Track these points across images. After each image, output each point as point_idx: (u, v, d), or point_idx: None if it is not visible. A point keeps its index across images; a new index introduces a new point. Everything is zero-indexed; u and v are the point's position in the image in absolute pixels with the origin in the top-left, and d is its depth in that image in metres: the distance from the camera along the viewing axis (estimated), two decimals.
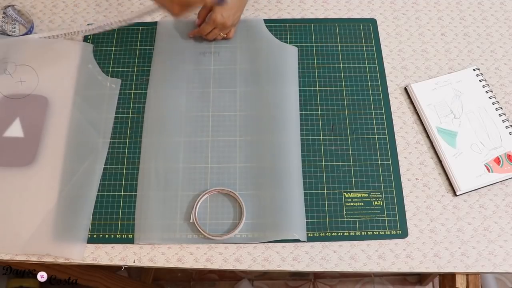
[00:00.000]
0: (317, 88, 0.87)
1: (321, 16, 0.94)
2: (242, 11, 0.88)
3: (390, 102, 0.86)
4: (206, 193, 0.78)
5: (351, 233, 0.76)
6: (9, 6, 0.92)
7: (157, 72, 0.88)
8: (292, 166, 0.80)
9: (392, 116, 0.85)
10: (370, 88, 0.87)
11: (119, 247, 0.76)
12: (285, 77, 0.86)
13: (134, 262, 0.75)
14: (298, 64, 0.89)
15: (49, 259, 0.75)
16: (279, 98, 0.85)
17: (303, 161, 0.81)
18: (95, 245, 0.76)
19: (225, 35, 0.89)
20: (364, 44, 0.91)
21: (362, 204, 0.78)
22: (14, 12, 0.92)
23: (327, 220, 0.77)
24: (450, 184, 0.79)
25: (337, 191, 0.79)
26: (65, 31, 0.89)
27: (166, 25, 0.92)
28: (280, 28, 0.92)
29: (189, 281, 1.46)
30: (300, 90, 0.86)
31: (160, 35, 0.91)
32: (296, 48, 0.90)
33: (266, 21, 0.93)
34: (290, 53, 0.89)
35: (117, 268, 0.77)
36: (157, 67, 0.88)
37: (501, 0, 0.96)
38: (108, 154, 0.82)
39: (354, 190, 0.79)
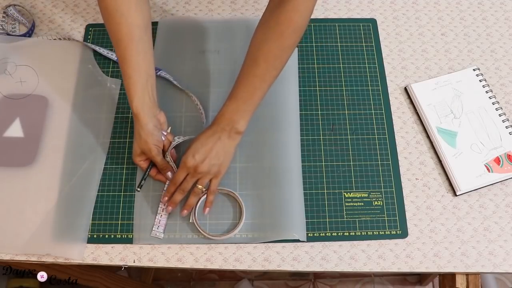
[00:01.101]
0: (317, 88, 0.87)
1: (321, 16, 0.94)
2: (226, 159, 0.74)
3: (390, 102, 0.86)
4: (206, 193, 0.78)
5: (351, 233, 0.76)
6: (9, 5, 0.92)
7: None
8: (292, 166, 0.80)
9: (392, 116, 0.85)
10: (370, 88, 0.87)
11: (119, 247, 0.76)
12: (285, 77, 0.86)
13: (134, 262, 0.75)
14: (298, 64, 0.89)
15: (49, 259, 0.75)
16: (279, 98, 0.85)
17: (303, 161, 0.81)
18: (95, 245, 0.76)
19: (203, 188, 0.74)
20: (364, 44, 0.91)
21: (362, 204, 0.78)
22: (15, 12, 0.92)
23: (327, 220, 0.77)
24: (450, 184, 0.79)
25: (337, 191, 0.79)
26: None
27: (166, 24, 0.92)
28: None
29: (189, 281, 1.46)
30: (300, 90, 0.86)
31: (160, 34, 0.91)
32: (296, 48, 0.90)
33: None
34: None
35: (117, 268, 0.77)
36: (156, 66, 0.88)
37: (501, 0, 0.96)
38: (108, 154, 0.82)
39: (354, 190, 0.79)
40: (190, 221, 0.76)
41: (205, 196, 0.77)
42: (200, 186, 0.74)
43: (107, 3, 0.69)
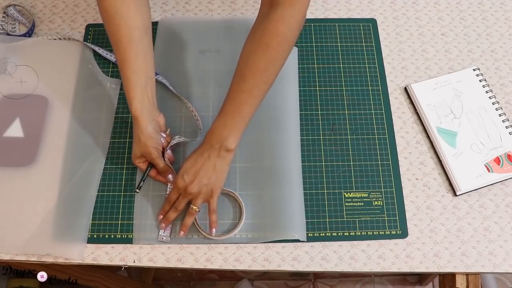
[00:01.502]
0: (317, 88, 0.87)
1: (321, 16, 0.94)
2: (218, 178, 0.71)
3: (390, 102, 0.86)
4: None
5: (351, 233, 0.76)
6: (9, 5, 0.92)
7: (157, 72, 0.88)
8: (292, 166, 0.80)
9: (392, 116, 0.85)
10: (370, 88, 0.87)
11: (119, 247, 0.76)
12: (285, 77, 0.86)
13: (134, 262, 0.75)
14: (298, 64, 0.89)
15: (49, 259, 0.75)
16: (279, 98, 0.85)
17: (303, 161, 0.81)
18: (95, 245, 0.76)
19: (196, 208, 0.72)
20: (364, 44, 0.91)
21: (362, 204, 0.78)
22: (15, 12, 0.92)
23: (327, 220, 0.77)
24: (450, 184, 0.79)
25: (337, 191, 0.79)
26: None
27: (166, 24, 0.92)
28: None
29: (189, 281, 1.46)
30: (300, 90, 0.86)
31: (160, 34, 0.91)
32: (296, 48, 0.90)
33: None
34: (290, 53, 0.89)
35: (117, 268, 0.77)
36: (156, 66, 0.88)
37: (501, 0, 0.96)
38: (108, 154, 0.82)
39: (354, 190, 0.79)
40: None
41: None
42: (194, 207, 0.72)
43: (106, 5, 0.69)
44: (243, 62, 0.70)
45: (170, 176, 0.76)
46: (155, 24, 0.92)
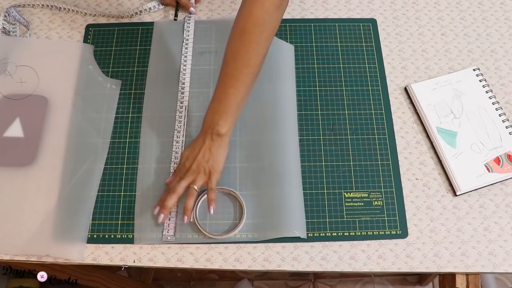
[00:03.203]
0: (317, 88, 0.87)
1: (321, 16, 0.94)
2: (215, 161, 0.73)
3: (390, 102, 0.86)
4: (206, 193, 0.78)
5: (351, 233, 0.76)
6: (10, 6, 0.92)
7: (154, 73, 0.88)
8: (291, 166, 0.80)
9: (392, 116, 0.85)
10: (370, 88, 0.87)
11: (119, 247, 0.76)
12: (283, 75, 0.86)
13: (134, 262, 0.75)
14: (298, 64, 0.89)
15: (49, 259, 0.75)
16: (277, 97, 0.85)
17: (303, 161, 0.81)
18: (95, 245, 0.76)
19: (196, 188, 0.73)
20: (364, 44, 0.91)
21: (362, 204, 0.78)
22: (16, 12, 0.92)
23: (327, 220, 0.77)
24: (450, 184, 0.79)
25: (337, 191, 0.79)
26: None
27: (162, 25, 0.93)
28: (280, 28, 0.92)
29: (189, 281, 1.46)
30: (300, 90, 0.86)
31: (157, 35, 0.91)
32: (293, 46, 0.90)
33: None
34: (286, 51, 0.89)
35: (117, 268, 0.77)
36: (154, 67, 0.88)
37: (501, 0, 0.96)
38: (108, 154, 0.82)
39: (354, 190, 0.79)
40: (191, 220, 0.76)
41: (205, 196, 0.77)
42: (193, 186, 0.73)
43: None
44: (226, 49, 0.72)
45: (192, 8, 0.88)
46: (151, 25, 0.92)
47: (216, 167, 0.74)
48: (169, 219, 0.76)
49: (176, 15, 0.92)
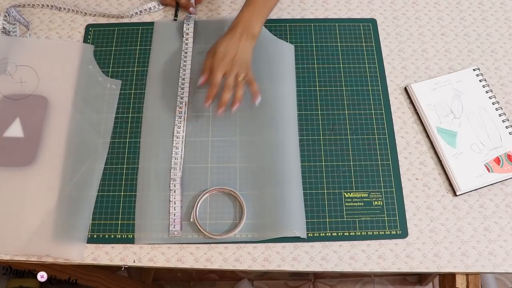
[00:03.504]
0: (317, 88, 0.87)
1: (321, 16, 0.94)
2: (247, 57, 0.78)
3: (390, 102, 0.86)
4: (206, 192, 0.78)
5: (351, 233, 0.76)
6: (10, 6, 0.92)
7: (154, 73, 0.88)
8: (291, 166, 0.80)
9: (392, 116, 0.85)
10: (370, 88, 0.87)
11: (119, 247, 0.76)
12: (282, 75, 0.86)
13: (134, 262, 0.75)
14: (298, 64, 0.89)
15: (49, 259, 0.75)
16: (278, 97, 0.85)
17: (303, 161, 0.81)
18: (95, 245, 0.76)
19: (240, 79, 0.78)
20: (364, 44, 0.91)
21: (362, 204, 0.78)
22: (16, 12, 0.92)
23: (327, 220, 0.77)
24: (450, 184, 0.79)
25: (337, 191, 0.79)
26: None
27: (162, 25, 0.93)
28: (280, 28, 0.92)
29: (189, 281, 1.46)
30: (300, 90, 0.86)
31: (157, 35, 0.91)
32: (293, 46, 0.90)
33: (267, 20, 0.92)
34: (286, 51, 0.89)
35: (117, 268, 0.77)
36: (154, 67, 0.88)
37: (501, 0, 0.96)
38: (108, 154, 0.82)
39: (354, 190, 0.79)
40: (191, 220, 0.76)
41: (205, 195, 0.78)
42: (240, 78, 0.78)
43: None
44: None
45: (192, 8, 0.91)
46: (151, 25, 0.93)
47: (249, 65, 0.80)
48: (174, 214, 0.76)
49: (176, 15, 0.93)
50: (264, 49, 0.87)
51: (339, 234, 0.76)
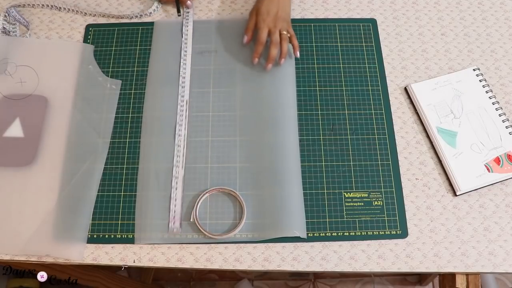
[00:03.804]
0: (317, 88, 0.87)
1: (321, 16, 0.94)
2: (288, 9, 0.86)
3: (390, 102, 0.86)
4: (206, 192, 0.78)
5: (351, 233, 0.76)
6: (10, 6, 0.92)
7: (154, 72, 0.88)
8: (291, 166, 0.80)
9: (392, 116, 0.85)
10: (370, 88, 0.87)
11: (119, 247, 0.76)
12: (283, 75, 0.86)
13: (134, 262, 0.75)
14: (298, 64, 0.89)
15: (49, 259, 0.75)
16: (278, 97, 0.85)
17: (303, 161, 0.81)
18: (95, 245, 0.76)
19: (285, 33, 0.84)
20: (364, 44, 0.91)
21: (362, 204, 0.78)
22: (16, 12, 0.92)
23: (327, 220, 0.77)
24: (450, 184, 0.79)
25: (337, 191, 0.79)
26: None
27: (162, 25, 0.93)
28: None
29: (189, 281, 1.46)
30: (300, 90, 0.86)
31: (157, 35, 0.91)
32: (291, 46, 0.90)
33: None
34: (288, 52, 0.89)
35: (117, 268, 0.77)
36: (154, 67, 0.88)
37: (501, 0, 0.96)
38: (108, 154, 0.82)
39: (354, 190, 0.79)
40: (191, 220, 0.76)
41: (205, 195, 0.78)
42: (285, 32, 0.83)
43: None
44: None
45: (189, 2, 0.90)
46: (151, 25, 0.92)
47: (289, 19, 0.86)
48: (175, 211, 0.76)
49: (178, 11, 0.93)
50: (264, 50, 0.87)
51: (339, 234, 0.76)
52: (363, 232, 0.76)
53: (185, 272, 1.47)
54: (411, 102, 0.86)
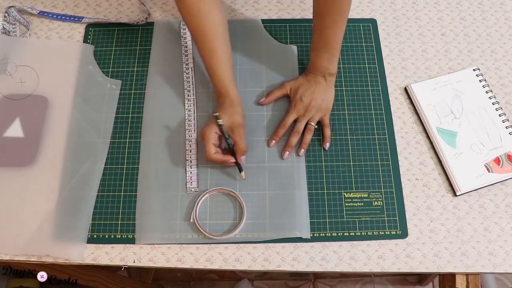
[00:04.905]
0: None
1: None
2: (329, 97, 0.82)
3: (390, 102, 0.86)
4: (206, 193, 0.78)
5: (351, 233, 0.76)
6: (10, 6, 0.92)
7: (155, 73, 0.88)
8: (293, 166, 0.80)
9: (392, 116, 0.85)
10: (370, 88, 0.87)
11: (119, 247, 0.76)
12: (284, 76, 0.86)
13: (134, 262, 0.75)
14: (298, 64, 0.89)
15: (49, 259, 0.75)
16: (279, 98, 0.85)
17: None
18: (95, 245, 0.76)
19: (314, 125, 0.81)
20: (364, 44, 0.91)
21: (362, 204, 0.78)
22: (16, 12, 0.92)
23: (327, 220, 0.77)
24: (450, 184, 0.79)
25: (337, 191, 0.79)
26: None
27: (162, 25, 0.92)
28: (280, 28, 0.92)
29: (189, 281, 1.46)
30: None
31: (157, 35, 0.91)
32: (296, 47, 0.90)
33: (266, 21, 0.93)
34: (289, 53, 0.89)
35: (117, 268, 0.77)
36: (154, 67, 0.88)
37: (501, 0, 0.96)
38: (108, 154, 0.82)
39: (354, 190, 0.79)
40: (191, 220, 0.76)
41: (205, 196, 0.77)
42: (313, 123, 0.80)
43: (187, 5, 0.74)
44: (317, 2, 0.74)
45: (243, 157, 0.77)
46: (151, 25, 0.92)
47: (329, 105, 0.82)
48: (191, 172, 0.78)
49: (240, 171, 0.78)
50: (269, 53, 0.88)
51: (339, 234, 0.76)
52: (363, 232, 0.76)
53: (185, 272, 1.47)
54: (411, 102, 0.86)
